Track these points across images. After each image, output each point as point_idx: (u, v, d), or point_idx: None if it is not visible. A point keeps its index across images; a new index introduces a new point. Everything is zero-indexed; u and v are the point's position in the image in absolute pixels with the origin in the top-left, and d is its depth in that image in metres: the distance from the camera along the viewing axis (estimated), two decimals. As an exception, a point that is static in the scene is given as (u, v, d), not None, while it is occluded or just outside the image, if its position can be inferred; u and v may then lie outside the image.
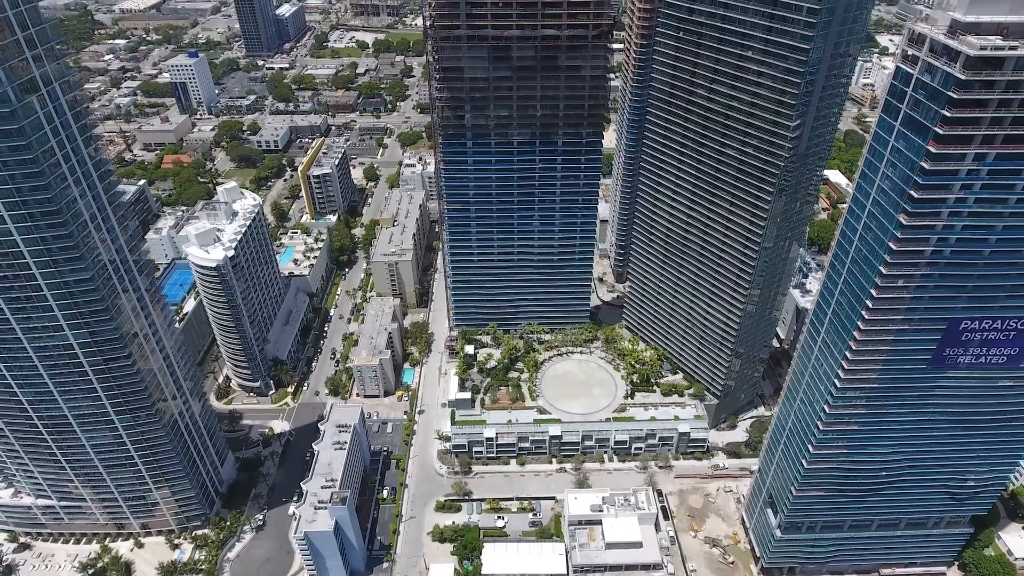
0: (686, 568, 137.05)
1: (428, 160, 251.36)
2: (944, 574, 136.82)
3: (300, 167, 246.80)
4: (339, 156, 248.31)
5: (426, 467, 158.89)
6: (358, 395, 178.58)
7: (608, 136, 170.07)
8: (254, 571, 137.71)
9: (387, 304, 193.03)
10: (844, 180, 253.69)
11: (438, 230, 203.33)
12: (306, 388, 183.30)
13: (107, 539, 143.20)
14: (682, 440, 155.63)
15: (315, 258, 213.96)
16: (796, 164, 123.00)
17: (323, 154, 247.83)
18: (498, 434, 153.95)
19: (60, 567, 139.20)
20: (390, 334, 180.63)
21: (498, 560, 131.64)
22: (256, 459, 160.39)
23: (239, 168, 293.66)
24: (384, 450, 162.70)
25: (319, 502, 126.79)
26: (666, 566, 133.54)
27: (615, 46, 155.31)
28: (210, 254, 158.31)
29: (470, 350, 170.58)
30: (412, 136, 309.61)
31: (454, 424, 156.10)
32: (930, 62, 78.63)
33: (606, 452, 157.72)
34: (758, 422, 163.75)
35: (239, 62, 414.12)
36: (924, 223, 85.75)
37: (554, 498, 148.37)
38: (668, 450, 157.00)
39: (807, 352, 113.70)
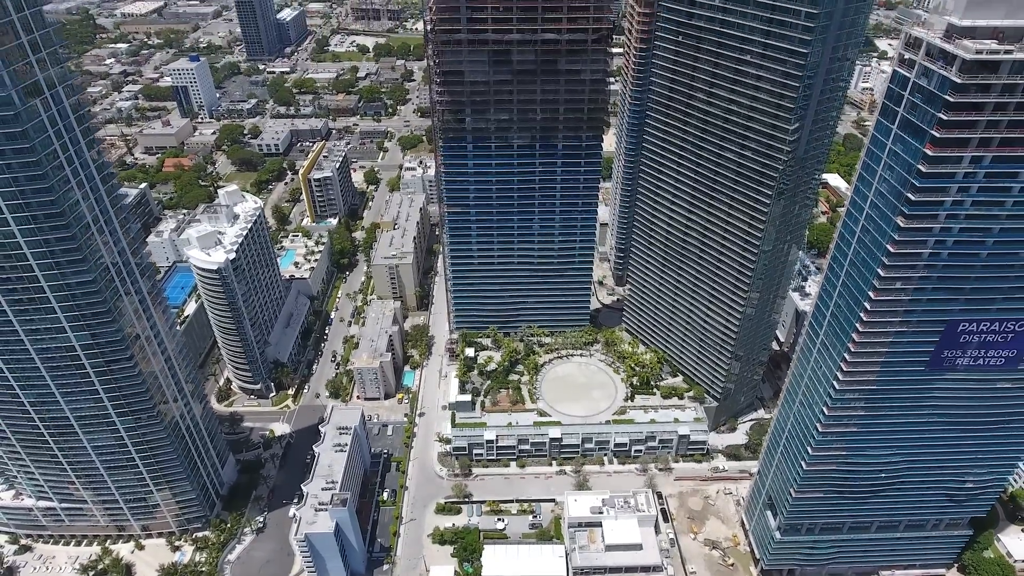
0: (686, 570, 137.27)
1: (429, 164, 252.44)
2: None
3: (301, 170, 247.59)
4: (340, 160, 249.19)
5: (426, 469, 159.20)
6: (358, 397, 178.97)
7: (608, 140, 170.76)
8: (254, 573, 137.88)
9: (388, 307, 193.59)
10: (843, 184, 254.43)
11: (439, 233, 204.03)
12: (307, 390, 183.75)
13: (108, 541, 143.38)
14: (682, 442, 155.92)
15: (316, 261, 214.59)
16: (795, 167, 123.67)
17: (324, 158, 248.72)
18: (498, 436, 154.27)
19: (61, 569, 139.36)
20: (391, 337, 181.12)
21: (498, 562, 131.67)
22: (257, 461, 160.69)
23: (240, 171, 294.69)
24: (384, 452, 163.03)
25: (320, 504, 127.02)
26: (666, 568, 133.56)
27: (615, 50, 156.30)
28: (211, 257, 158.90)
29: (470, 353, 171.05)
30: (413, 140, 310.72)
31: (454, 426, 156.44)
32: (926, 66, 79.32)
33: (606, 454, 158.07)
34: (758, 424, 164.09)
35: (240, 66, 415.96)
36: (921, 225, 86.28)
37: (554, 500, 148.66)
38: (668, 452, 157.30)
39: (806, 354, 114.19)
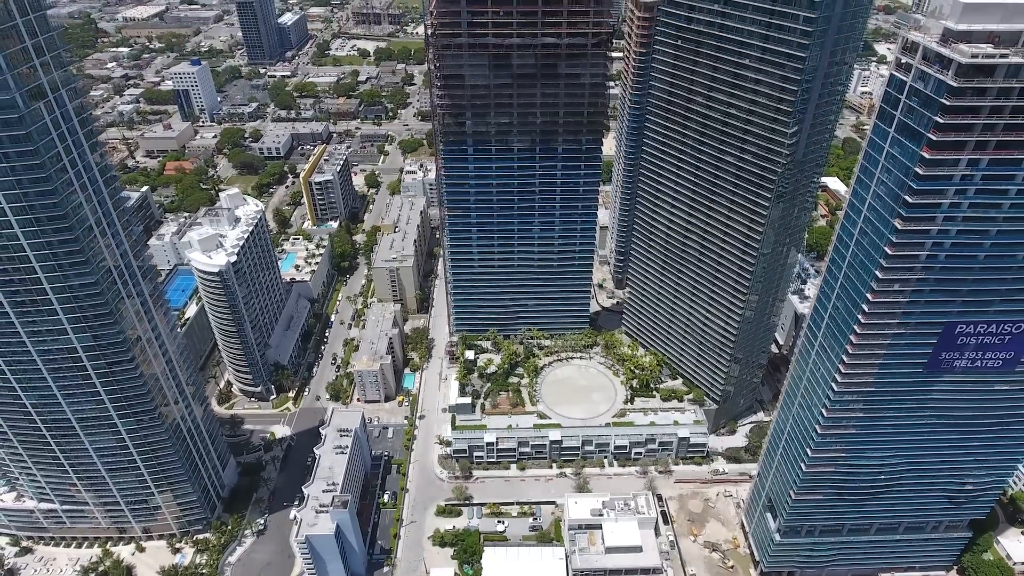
0: (686, 572, 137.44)
1: (429, 167, 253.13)
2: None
3: (302, 174, 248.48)
4: (340, 163, 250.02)
5: (427, 472, 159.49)
6: (359, 400, 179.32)
7: (608, 143, 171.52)
8: (255, 575, 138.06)
9: (388, 310, 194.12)
10: (843, 187, 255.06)
11: (439, 236, 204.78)
12: (307, 393, 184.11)
13: (108, 543, 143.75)
14: (681, 445, 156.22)
15: (316, 264, 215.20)
16: (793, 171, 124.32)
17: (325, 161, 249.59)
18: (498, 439, 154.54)
19: (62, 571, 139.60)
20: (391, 339, 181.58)
21: (498, 564, 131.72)
22: (257, 464, 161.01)
23: (241, 175, 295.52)
24: (385, 455, 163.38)
25: (320, 506, 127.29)
26: (666, 570, 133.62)
27: (614, 54, 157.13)
28: (213, 259, 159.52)
29: (470, 355, 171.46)
30: (413, 143, 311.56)
31: (455, 429, 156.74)
32: (923, 70, 80.00)
33: (606, 457, 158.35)
34: (757, 427, 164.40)
35: (241, 70, 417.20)
36: (919, 228, 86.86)
37: (554, 502, 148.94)
38: (668, 455, 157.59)
39: (805, 356, 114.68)
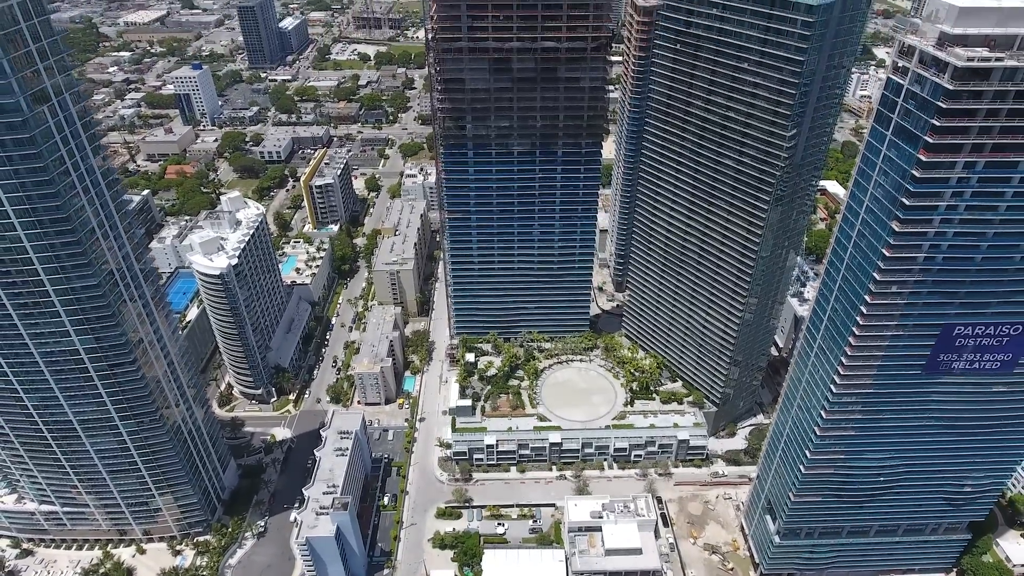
0: (685, 574, 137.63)
1: (429, 171, 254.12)
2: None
3: (303, 177, 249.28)
4: (341, 167, 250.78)
5: (427, 474, 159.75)
6: (359, 403, 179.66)
7: (607, 147, 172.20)
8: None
9: (388, 312, 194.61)
10: (842, 190, 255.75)
11: (439, 240, 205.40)
12: (308, 396, 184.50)
13: (109, 545, 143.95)
14: (681, 447, 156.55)
15: (317, 267, 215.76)
16: (792, 174, 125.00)
17: (325, 165, 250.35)
18: (498, 441, 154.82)
19: (62, 573, 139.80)
20: (391, 342, 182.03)
21: (498, 566, 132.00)
22: (258, 466, 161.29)
23: (242, 179, 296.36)
24: (385, 457, 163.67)
25: (321, 508, 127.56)
26: (666, 573, 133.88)
27: (614, 58, 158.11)
28: (214, 262, 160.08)
29: (471, 358, 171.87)
30: (413, 147, 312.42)
31: (455, 431, 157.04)
32: (920, 73, 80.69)
33: (606, 459, 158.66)
34: (757, 430, 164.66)
35: (242, 74, 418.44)
36: (916, 230, 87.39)
37: (554, 505, 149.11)
38: (667, 457, 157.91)
39: (804, 358, 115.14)
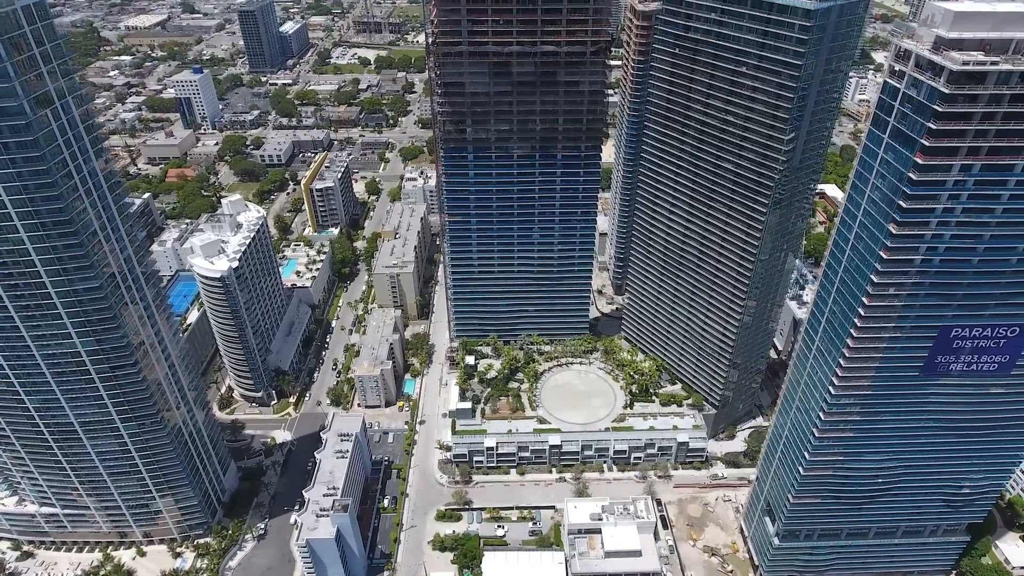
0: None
1: (429, 174, 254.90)
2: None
3: (303, 181, 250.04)
4: (341, 170, 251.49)
5: (427, 476, 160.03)
6: (359, 405, 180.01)
7: (607, 151, 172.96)
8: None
9: (388, 315, 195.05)
10: (841, 194, 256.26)
11: (439, 243, 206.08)
12: (308, 398, 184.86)
13: (109, 547, 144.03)
14: (681, 450, 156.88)
15: (317, 270, 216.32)
16: (790, 177, 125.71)
17: (326, 168, 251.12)
18: (498, 444, 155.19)
19: (63, 575, 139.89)
20: (391, 345, 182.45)
21: (498, 569, 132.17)
22: (258, 468, 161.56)
23: (242, 182, 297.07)
24: (385, 460, 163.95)
25: (321, 510, 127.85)
26: (665, 575, 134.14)
27: (613, 62, 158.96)
28: (215, 265, 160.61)
29: (470, 361, 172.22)
30: (413, 151, 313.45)
31: (455, 434, 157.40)
32: (916, 77, 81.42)
33: (605, 462, 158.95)
34: (756, 432, 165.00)
35: (243, 78, 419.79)
36: (913, 232, 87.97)
37: (554, 507, 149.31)
38: (667, 460, 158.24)
39: (802, 360, 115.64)
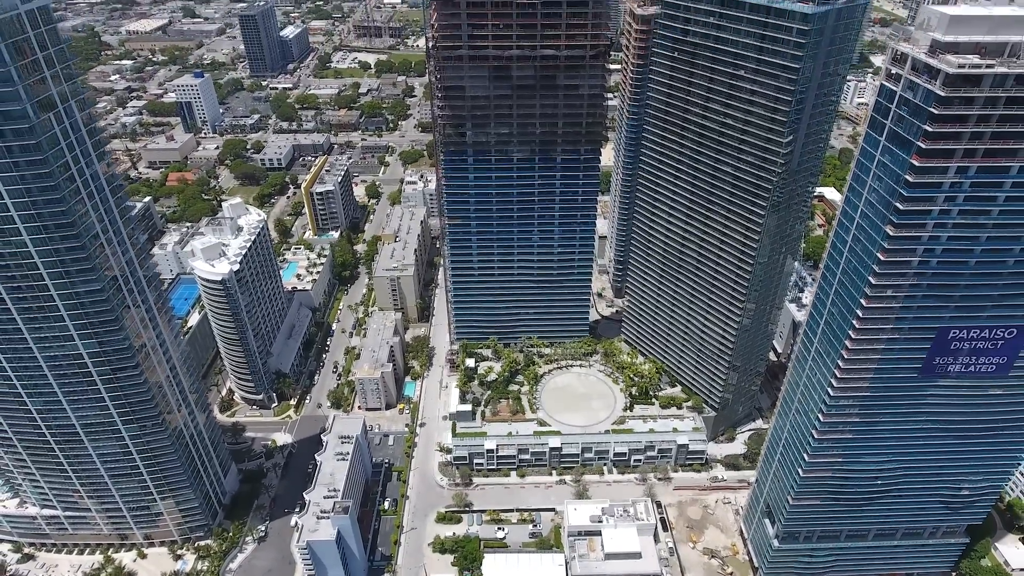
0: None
1: (429, 178, 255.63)
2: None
3: (303, 184, 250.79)
4: (341, 174, 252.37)
5: (427, 479, 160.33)
6: (360, 408, 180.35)
7: (607, 154, 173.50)
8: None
9: (389, 318, 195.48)
10: (839, 197, 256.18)
11: (439, 246, 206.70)
12: (308, 401, 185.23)
13: (110, 549, 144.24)
14: (680, 452, 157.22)
15: (318, 273, 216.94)
16: (788, 180, 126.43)
17: (326, 172, 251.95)
18: (498, 446, 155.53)
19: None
20: (392, 348, 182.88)
21: (498, 571, 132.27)
22: (259, 471, 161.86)
23: (243, 186, 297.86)
24: (386, 462, 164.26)
25: (322, 512, 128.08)
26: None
27: (612, 66, 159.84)
28: (216, 268, 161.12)
29: (471, 363, 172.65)
30: (413, 154, 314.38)
31: (455, 436, 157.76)
32: (912, 80, 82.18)
33: (605, 464, 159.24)
34: (756, 435, 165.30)
35: (243, 82, 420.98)
36: (910, 234, 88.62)
37: (554, 509, 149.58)
38: (667, 462, 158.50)
39: (801, 362, 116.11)
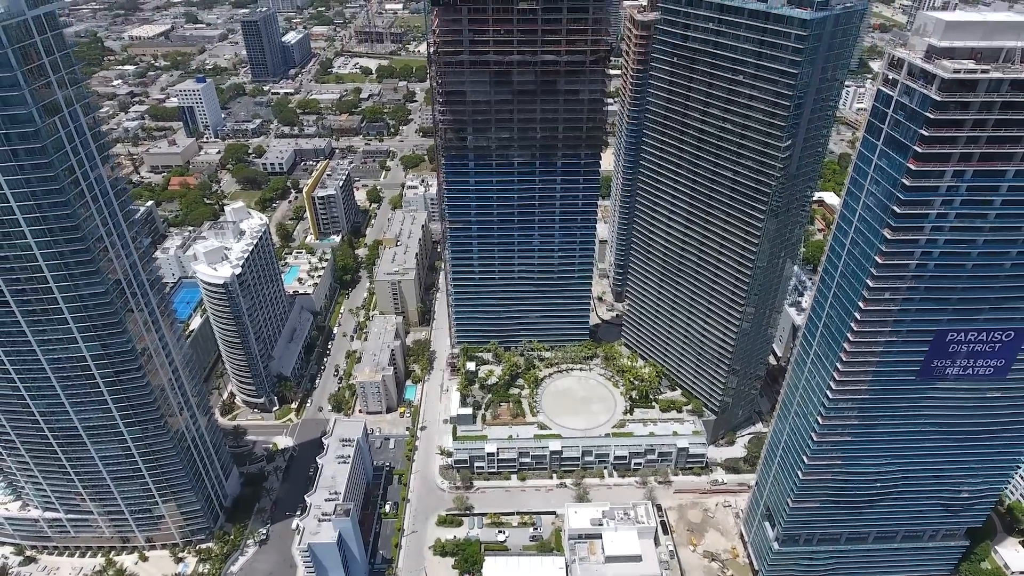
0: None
1: (430, 182, 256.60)
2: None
3: (305, 189, 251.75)
4: (343, 178, 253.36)
5: (428, 482, 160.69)
6: (361, 411, 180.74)
7: (607, 158, 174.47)
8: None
9: (390, 322, 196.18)
10: (839, 201, 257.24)
11: (440, 250, 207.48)
12: (309, 404, 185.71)
13: (112, 552, 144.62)
14: (681, 455, 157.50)
15: (319, 277, 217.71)
16: (787, 184, 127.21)
17: (327, 176, 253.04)
18: (499, 449, 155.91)
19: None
20: (393, 351, 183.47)
21: (499, 573, 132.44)
22: (260, 474, 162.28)
23: (245, 190, 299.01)
24: (386, 465, 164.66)
25: (323, 514, 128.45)
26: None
27: (612, 71, 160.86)
28: (218, 271, 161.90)
29: (471, 367, 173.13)
30: (415, 159, 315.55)
31: (456, 439, 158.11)
32: (908, 85, 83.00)
33: (606, 467, 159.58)
34: (756, 438, 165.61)
35: (245, 87, 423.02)
36: (908, 237, 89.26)
37: (554, 512, 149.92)
38: (667, 465, 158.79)
39: (800, 365, 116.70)
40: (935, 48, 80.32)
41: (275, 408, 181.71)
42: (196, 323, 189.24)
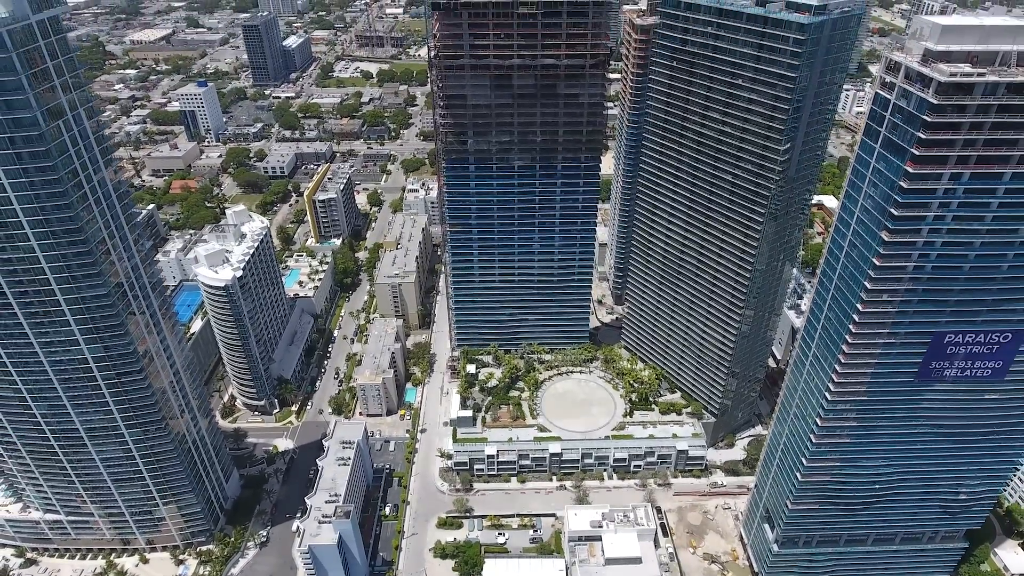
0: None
1: (431, 185, 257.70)
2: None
3: (306, 192, 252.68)
4: (344, 182, 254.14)
5: (428, 484, 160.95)
6: (361, 414, 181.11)
7: (606, 162, 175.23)
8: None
9: (390, 325, 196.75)
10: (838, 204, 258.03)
11: (440, 253, 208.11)
12: (310, 407, 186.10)
13: (112, 554, 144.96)
14: (680, 458, 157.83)
15: (320, 280, 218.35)
16: (786, 187, 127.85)
17: (328, 180, 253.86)
18: (499, 452, 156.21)
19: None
20: (393, 354, 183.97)
21: None
22: (260, 476, 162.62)
23: (246, 193, 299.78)
24: (387, 468, 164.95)
25: (323, 516, 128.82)
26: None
27: (612, 75, 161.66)
28: (219, 274, 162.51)
29: (471, 369, 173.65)
30: (415, 162, 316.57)
31: (456, 442, 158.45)
32: (905, 88, 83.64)
33: (605, 470, 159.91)
34: (756, 440, 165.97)
35: (246, 91, 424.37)
36: (905, 239, 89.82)
37: (554, 515, 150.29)
38: (667, 468, 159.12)
39: (799, 367, 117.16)
40: (932, 52, 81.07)
41: (275, 410, 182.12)
42: (197, 326, 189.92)
